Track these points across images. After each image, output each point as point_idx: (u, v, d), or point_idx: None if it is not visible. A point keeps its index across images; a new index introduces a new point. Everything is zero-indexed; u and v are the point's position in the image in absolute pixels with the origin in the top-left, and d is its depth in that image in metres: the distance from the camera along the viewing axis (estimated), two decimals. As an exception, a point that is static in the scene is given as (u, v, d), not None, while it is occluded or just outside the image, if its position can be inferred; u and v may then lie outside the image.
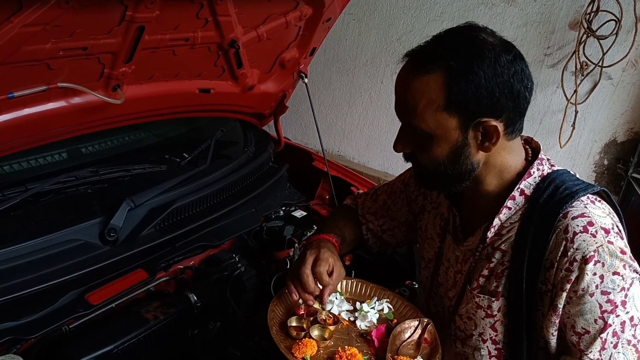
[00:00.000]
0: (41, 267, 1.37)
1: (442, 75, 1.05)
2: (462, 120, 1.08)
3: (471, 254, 1.24)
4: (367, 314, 1.33)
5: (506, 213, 1.17)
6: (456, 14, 3.04)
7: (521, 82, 1.07)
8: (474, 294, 1.22)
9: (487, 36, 1.07)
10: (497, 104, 1.06)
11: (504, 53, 1.06)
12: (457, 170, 1.14)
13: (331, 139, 3.67)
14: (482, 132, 1.10)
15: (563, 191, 1.13)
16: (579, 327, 1.09)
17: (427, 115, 1.09)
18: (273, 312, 1.27)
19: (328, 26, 1.97)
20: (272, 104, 2.18)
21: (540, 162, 1.19)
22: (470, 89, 1.05)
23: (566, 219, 1.09)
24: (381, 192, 1.59)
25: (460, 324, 1.28)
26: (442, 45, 1.09)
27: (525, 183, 1.16)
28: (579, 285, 1.06)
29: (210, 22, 1.50)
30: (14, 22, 1.08)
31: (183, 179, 1.76)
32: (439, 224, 1.38)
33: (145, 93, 1.60)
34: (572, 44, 2.72)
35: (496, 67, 1.04)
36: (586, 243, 1.06)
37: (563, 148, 2.84)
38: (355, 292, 1.44)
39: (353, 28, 3.43)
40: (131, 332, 1.32)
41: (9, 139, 1.36)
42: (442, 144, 1.11)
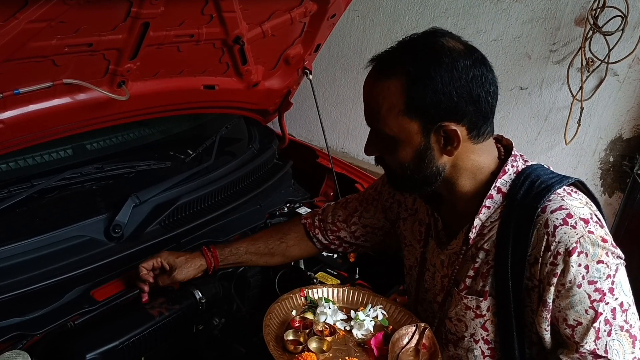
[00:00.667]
0: (47, 263, 1.38)
1: (401, 80, 1.08)
2: (423, 124, 1.10)
3: (456, 256, 1.25)
4: (363, 322, 1.31)
5: (485, 212, 1.18)
6: (461, 10, 3.02)
7: (481, 86, 1.08)
8: (462, 295, 1.22)
9: (447, 41, 1.09)
10: (456, 109, 1.08)
11: (463, 58, 1.07)
12: (422, 173, 1.16)
13: (335, 135, 3.66)
14: (444, 136, 1.11)
15: (539, 185, 1.13)
16: (571, 320, 1.09)
17: (389, 120, 1.11)
18: (268, 327, 1.26)
19: (333, 22, 1.96)
20: (277, 100, 2.18)
21: (513, 158, 1.19)
22: (428, 93, 1.06)
23: (545, 213, 1.10)
24: (352, 200, 1.60)
25: (451, 327, 1.28)
26: (403, 51, 1.11)
27: (501, 181, 1.17)
28: (566, 278, 1.07)
29: (215, 18, 1.50)
30: (19, 19, 1.08)
31: (188, 175, 1.77)
32: (418, 230, 1.38)
33: (150, 89, 1.60)
34: (577, 40, 2.70)
35: (453, 72, 1.06)
36: (567, 235, 1.06)
37: (568, 145, 2.82)
38: (347, 300, 1.43)
39: (357, 24, 3.42)
40: (137, 328, 1.32)
41: (15, 135, 1.36)
42: (405, 147, 1.13)
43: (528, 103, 2.94)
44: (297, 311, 1.35)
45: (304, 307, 1.37)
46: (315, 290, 1.41)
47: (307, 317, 1.32)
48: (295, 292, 1.39)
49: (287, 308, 1.36)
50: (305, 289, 1.41)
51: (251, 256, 1.54)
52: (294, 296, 1.38)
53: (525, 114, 2.97)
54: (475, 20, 2.99)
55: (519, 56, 2.91)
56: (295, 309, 1.36)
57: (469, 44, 1.12)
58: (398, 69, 1.08)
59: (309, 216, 1.64)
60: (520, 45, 2.90)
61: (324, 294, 1.41)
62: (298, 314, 1.33)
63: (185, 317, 1.43)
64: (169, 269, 1.44)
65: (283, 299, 1.37)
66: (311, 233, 1.60)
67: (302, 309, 1.36)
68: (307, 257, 1.70)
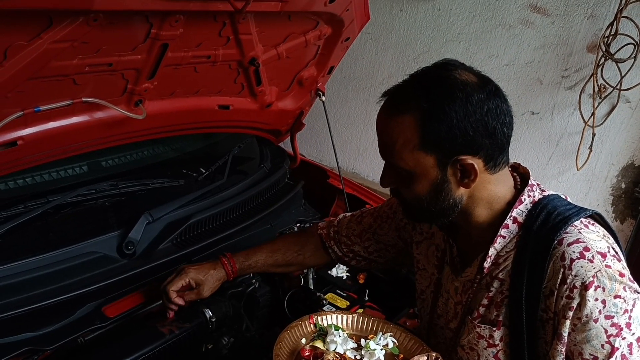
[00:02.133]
0: (59, 278, 1.39)
1: (415, 115, 1.08)
2: (439, 158, 1.10)
3: (470, 284, 1.24)
4: (374, 351, 1.29)
5: (501, 242, 1.17)
6: (473, 35, 3.05)
7: (496, 118, 1.08)
8: (475, 324, 1.21)
9: (460, 75, 1.08)
10: (472, 142, 1.07)
11: (477, 92, 1.07)
12: (439, 206, 1.15)
13: (346, 156, 3.68)
14: (460, 169, 1.11)
15: (556, 217, 1.12)
16: (587, 354, 1.07)
17: (405, 154, 1.11)
18: (279, 357, 1.25)
19: (346, 45, 1.99)
20: (289, 121, 2.19)
21: (530, 188, 1.18)
22: (442, 129, 1.06)
23: (561, 245, 1.09)
24: (366, 215, 1.60)
25: (463, 355, 1.27)
26: (417, 85, 1.11)
27: (517, 210, 1.16)
28: (582, 312, 1.05)
29: (232, 40, 1.53)
30: (43, 38, 1.10)
31: (200, 194, 1.78)
32: (434, 255, 1.38)
33: (166, 108, 1.62)
34: (590, 67, 2.71)
35: (467, 106, 1.05)
36: (584, 269, 1.05)
37: (580, 170, 2.82)
38: (357, 327, 1.41)
39: (370, 47, 3.45)
40: (147, 345, 1.32)
41: (34, 151, 1.38)
42: (422, 181, 1.13)
43: (539, 128, 2.95)
44: (306, 339, 1.34)
45: (313, 334, 1.35)
46: (325, 317, 1.40)
47: (317, 346, 1.30)
48: (304, 320, 1.38)
49: (296, 336, 1.34)
50: (315, 316, 1.39)
51: (268, 267, 1.57)
52: (303, 323, 1.37)
53: (537, 139, 2.97)
54: (487, 45, 3.02)
55: (531, 81, 2.93)
56: (305, 337, 1.34)
57: (482, 75, 1.12)
58: (412, 104, 1.08)
59: (324, 226, 1.64)
60: (532, 70, 2.92)
61: (333, 321, 1.40)
62: (308, 343, 1.32)
63: (195, 335, 1.43)
64: (195, 286, 1.45)
65: (292, 327, 1.35)
66: (327, 244, 1.60)
67: (312, 337, 1.34)
68: (323, 266, 1.72)
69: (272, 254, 1.57)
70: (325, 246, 1.61)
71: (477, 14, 3.02)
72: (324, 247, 1.62)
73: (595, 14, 2.67)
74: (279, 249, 1.59)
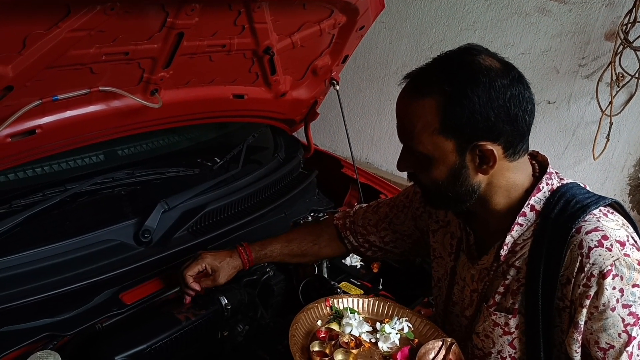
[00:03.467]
0: (77, 266, 1.40)
1: (437, 99, 1.06)
2: (458, 143, 1.09)
3: (486, 272, 1.24)
4: (389, 335, 1.30)
5: (518, 230, 1.16)
6: (489, 23, 3.02)
7: (519, 105, 1.07)
8: (491, 311, 1.21)
9: (483, 60, 1.07)
10: (493, 128, 1.06)
11: (500, 77, 1.05)
12: (456, 191, 1.15)
13: (359, 146, 3.67)
14: (479, 155, 1.10)
15: (574, 205, 1.11)
16: (603, 343, 1.07)
17: (424, 138, 1.10)
18: (294, 337, 1.27)
19: (361, 34, 1.98)
20: (303, 110, 2.19)
21: (548, 176, 1.17)
22: (464, 113, 1.05)
23: (580, 233, 1.08)
24: (382, 205, 1.59)
25: (478, 342, 1.27)
26: (440, 69, 1.09)
27: (535, 198, 1.15)
28: (600, 300, 1.05)
29: (247, 29, 1.52)
30: (61, 27, 1.11)
31: (215, 183, 1.79)
32: (450, 243, 1.37)
33: (181, 98, 1.63)
34: (607, 55, 2.67)
35: (490, 91, 1.04)
36: (602, 257, 1.05)
37: (596, 160, 2.79)
38: (372, 311, 1.42)
39: (384, 36, 3.43)
40: (164, 332, 1.34)
41: (52, 140, 1.40)
42: (440, 166, 1.12)
43: (556, 117, 2.92)
44: (322, 321, 1.35)
45: (329, 317, 1.37)
46: (341, 301, 1.41)
47: (333, 328, 1.32)
48: (320, 302, 1.39)
49: (312, 318, 1.36)
50: (331, 299, 1.41)
51: (284, 257, 1.58)
52: (319, 306, 1.38)
53: (553, 128, 2.94)
54: (503, 33, 2.98)
55: (547, 70, 2.89)
56: (321, 319, 1.36)
57: (505, 61, 1.10)
58: (434, 88, 1.07)
59: (340, 217, 1.64)
60: (549, 59, 2.88)
61: (349, 304, 1.41)
62: (323, 325, 1.34)
63: (210, 322, 1.45)
64: (211, 273, 1.47)
65: (309, 309, 1.37)
66: (343, 234, 1.61)
67: (328, 319, 1.36)
68: (338, 256, 1.74)
69: (287, 243, 1.58)
70: (341, 237, 1.61)
71: (493, 2, 2.99)
72: (340, 238, 1.62)
73: (614, 1, 2.63)
74: (295, 239, 1.60)
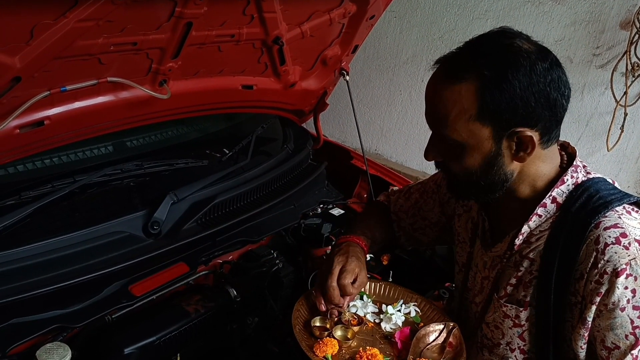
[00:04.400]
0: (87, 257, 1.40)
1: (475, 84, 1.02)
2: (495, 130, 1.05)
3: (499, 260, 1.22)
4: (392, 316, 1.32)
5: (536, 220, 1.14)
6: (501, 12, 2.98)
7: (558, 90, 1.04)
8: (502, 302, 1.20)
9: (522, 43, 1.04)
10: (532, 114, 1.03)
11: (540, 60, 1.02)
12: (489, 180, 1.11)
13: (369, 137, 3.65)
14: (517, 142, 1.07)
15: (597, 200, 1.08)
16: (609, 342, 1.05)
17: (459, 125, 1.06)
18: (298, 312, 1.28)
19: (371, 24, 1.95)
20: (313, 101, 2.18)
21: (574, 169, 1.14)
22: (504, 98, 1.01)
23: (598, 229, 1.05)
24: (414, 191, 1.57)
25: (487, 332, 1.26)
26: (475, 53, 1.05)
27: (558, 191, 1.13)
28: (610, 298, 1.03)
29: (256, 18, 1.51)
30: (69, 17, 1.10)
31: (224, 174, 1.78)
32: (470, 228, 1.36)
33: (190, 88, 1.61)
34: (622, 44, 2.62)
35: (532, 75, 1.01)
36: (618, 255, 1.02)
37: (610, 151, 2.75)
38: (382, 294, 1.43)
39: (394, 26, 3.40)
40: (173, 324, 1.34)
41: (60, 131, 1.39)
42: (474, 153, 1.08)
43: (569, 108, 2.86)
44: None
45: None
46: None
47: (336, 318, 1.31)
48: None
49: None
50: None
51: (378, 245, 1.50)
52: None
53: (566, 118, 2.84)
54: (516, 22, 2.94)
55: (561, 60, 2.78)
56: None
57: (541, 45, 1.07)
58: (471, 72, 1.02)
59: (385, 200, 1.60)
60: (562, 48, 2.84)
61: None
62: None
63: (220, 315, 1.45)
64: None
65: None
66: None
67: None
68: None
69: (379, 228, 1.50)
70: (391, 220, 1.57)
71: (505, -10, 2.94)
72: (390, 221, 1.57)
73: (630, -11, 2.58)
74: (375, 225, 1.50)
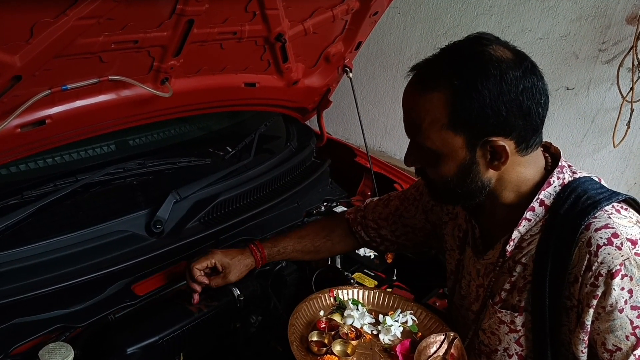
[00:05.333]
0: (89, 257, 1.40)
1: (446, 93, 1.02)
2: (468, 139, 1.04)
3: (492, 267, 1.20)
4: (390, 327, 1.29)
5: (526, 225, 1.12)
6: (505, 7, 2.95)
7: (532, 98, 1.02)
8: (496, 309, 1.18)
9: (494, 50, 1.02)
10: (505, 123, 1.02)
11: (512, 69, 1.00)
12: (466, 188, 1.11)
13: (373, 134, 3.64)
14: (491, 151, 1.05)
15: (585, 201, 1.07)
16: (610, 344, 1.04)
17: (432, 134, 1.06)
18: (294, 327, 1.25)
19: (374, 20, 1.94)
20: (316, 98, 2.17)
21: (560, 170, 1.13)
22: (474, 108, 1.00)
23: (589, 230, 1.03)
24: (394, 198, 1.56)
25: (484, 339, 1.24)
26: (447, 61, 1.04)
27: (545, 193, 1.11)
28: (607, 301, 1.01)
29: (258, 15, 1.50)
30: (69, 15, 1.09)
31: (227, 172, 1.77)
32: (457, 236, 1.34)
33: (192, 86, 1.61)
34: (629, 40, 2.60)
35: (502, 84, 0.99)
36: (611, 256, 1.00)
37: (616, 148, 2.73)
38: (378, 303, 1.41)
39: (398, 22, 3.38)
40: (176, 323, 1.32)
41: (62, 130, 1.39)
42: (449, 162, 1.08)
43: (574, 104, 2.86)
44: (325, 312, 1.34)
45: (332, 307, 1.36)
46: (346, 292, 1.40)
47: (334, 319, 1.31)
48: (324, 292, 1.38)
49: (315, 308, 1.35)
50: (335, 290, 1.39)
51: (297, 254, 1.54)
52: (323, 296, 1.37)
53: (571, 115, 2.89)
54: (521, 18, 2.92)
55: (566, 55, 2.83)
56: (324, 310, 1.35)
57: (518, 50, 1.05)
58: (442, 81, 1.02)
59: (352, 211, 1.62)
60: (568, 44, 2.82)
61: (354, 296, 1.40)
62: (325, 315, 1.32)
63: (223, 314, 1.43)
64: (222, 270, 1.42)
65: (311, 299, 1.35)
66: (354, 229, 1.58)
67: (331, 310, 1.35)
68: (352, 251, 1.71)
69: (300, 239, 1.55)
70: (352, 231, 1.58)
71: (510, -15, 2.92)
72: (351, 232, 1.59)
73: (636, -16, 2.55)
74: (307, 235, 1.56)
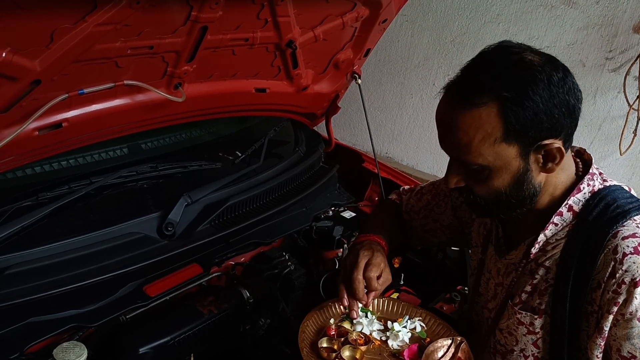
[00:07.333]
0: (102, 258, 1.42)
1: (496, 106, 1.00)
2: (522, 147, 1.04)
3: (513, 267, 1.21)
4: (398, 333, 1.30)
5: (552, 229, 1.13)
6: (513, 16, 2.97)
7: (575, 96, 1.04)
8: (516, 310, 1.19)
9: (531, 56, 1.02)
10: (556, 124, 1.03)
11: (554, 71, 1.01)
12: (520, 196, 1.11)
13: (380, 140, 3.65)
14: (544, 154, 1.06)
15: (614, 209, 1.07)
16: (625, 351, 1.04)
17: (484, 150, 1.04)
18: (304, 333, 1.27)
19: (384, 27, 1.96)
20: (325, 104, 2.19)
21: (591, 177, 1.13)
22: (528, 115, 1.00)
23: (616, 238, 1.04)
24: (426, 192, 1.56)
25: (501, 338, 1.25)
26: (486, 74, 1.03)
27: (574, 199, 1.12)
28: (627, 308, 1.02)
29: (270, 22, 1.52)
30: (88, 21, 1.12)
31: (237, 176, 1.79)
32: (482, 233, 1.35)
33: (204, 91, 1.63)
34: (636, 48, 2.61)
35: (550, 87, 1.00)
36: (636, 265, 1.01)
37: (623, 155, 2.74)
38: (386, 310, 1.42)
39: (406, 29, 3.40)
40: (187, 324, 1.35)
41: (77, 133, 1.41)
42: (502, 174, 1.07)
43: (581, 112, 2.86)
44: (335, 319, 1.35)
45: (342, 315, 1.37)
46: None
47: (344, 326, 1.32)
48: (335, 301, 1.39)
49: (325, 316, 1.36)
50: None
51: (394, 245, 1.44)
52: (333, 305, 1.39)
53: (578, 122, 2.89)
54: (528, 26, 2.94)
55: (573, 64, 2.84)
56: (334, 317, 1.36)
57: (547, 54, 1.05)
58: (489, 95, 1.00)
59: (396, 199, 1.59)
60: (575, 52, 2.83)
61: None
62: (335, 323, 1.34)
63: (233, 316, 1.46)
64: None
65: (322, 307, 1.37)
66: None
67: (341, 318, 1.36)
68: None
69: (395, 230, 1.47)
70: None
71: (518, -6, 2.94)
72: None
73: (643, -7, 2.57)
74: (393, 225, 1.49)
